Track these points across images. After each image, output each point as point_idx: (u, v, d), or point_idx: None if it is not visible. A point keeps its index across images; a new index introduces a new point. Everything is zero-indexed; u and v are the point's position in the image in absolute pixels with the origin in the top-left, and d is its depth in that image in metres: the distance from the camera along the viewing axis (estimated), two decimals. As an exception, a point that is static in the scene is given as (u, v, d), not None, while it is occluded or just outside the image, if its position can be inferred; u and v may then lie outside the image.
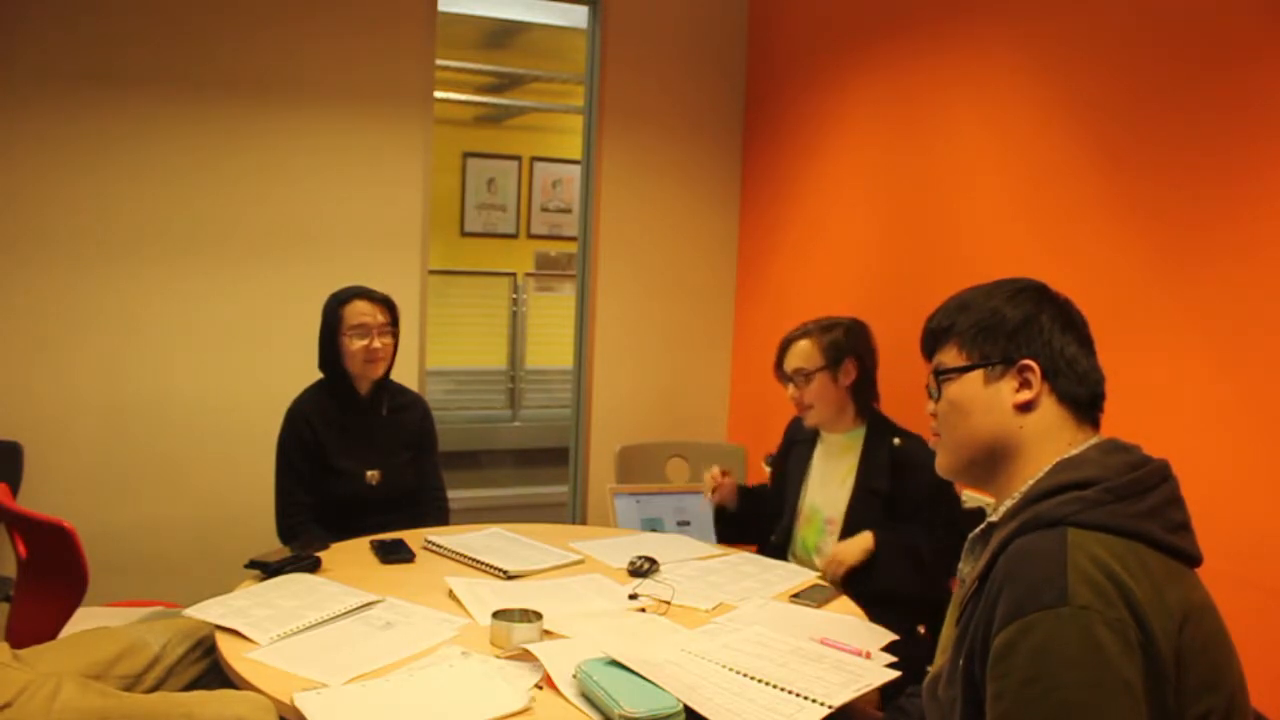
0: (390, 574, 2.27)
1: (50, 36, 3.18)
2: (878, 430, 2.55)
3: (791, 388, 2.57)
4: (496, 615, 1.90)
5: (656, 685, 1.61)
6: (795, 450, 2.72)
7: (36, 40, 3.17)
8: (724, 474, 2.72)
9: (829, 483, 2.58)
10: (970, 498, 2.69)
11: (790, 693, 1.64)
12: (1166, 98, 2.29)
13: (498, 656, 1.81)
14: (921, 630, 2.40)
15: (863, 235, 3.37)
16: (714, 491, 2.71)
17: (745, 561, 2.48)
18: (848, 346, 2.54)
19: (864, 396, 2.57)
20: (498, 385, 6.68)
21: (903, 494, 2.45)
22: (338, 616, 1.95)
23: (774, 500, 2.73)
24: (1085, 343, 1.32)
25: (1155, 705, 1.08)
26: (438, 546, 2.43)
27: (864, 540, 2.35)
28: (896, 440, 2.51)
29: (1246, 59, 2.12)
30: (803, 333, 2.58)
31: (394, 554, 2.38)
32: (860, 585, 2.29)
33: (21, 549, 2.24)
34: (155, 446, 3.37)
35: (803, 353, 2.54)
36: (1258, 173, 2.09)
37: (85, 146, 3.25)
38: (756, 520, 2.73)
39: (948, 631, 1.32)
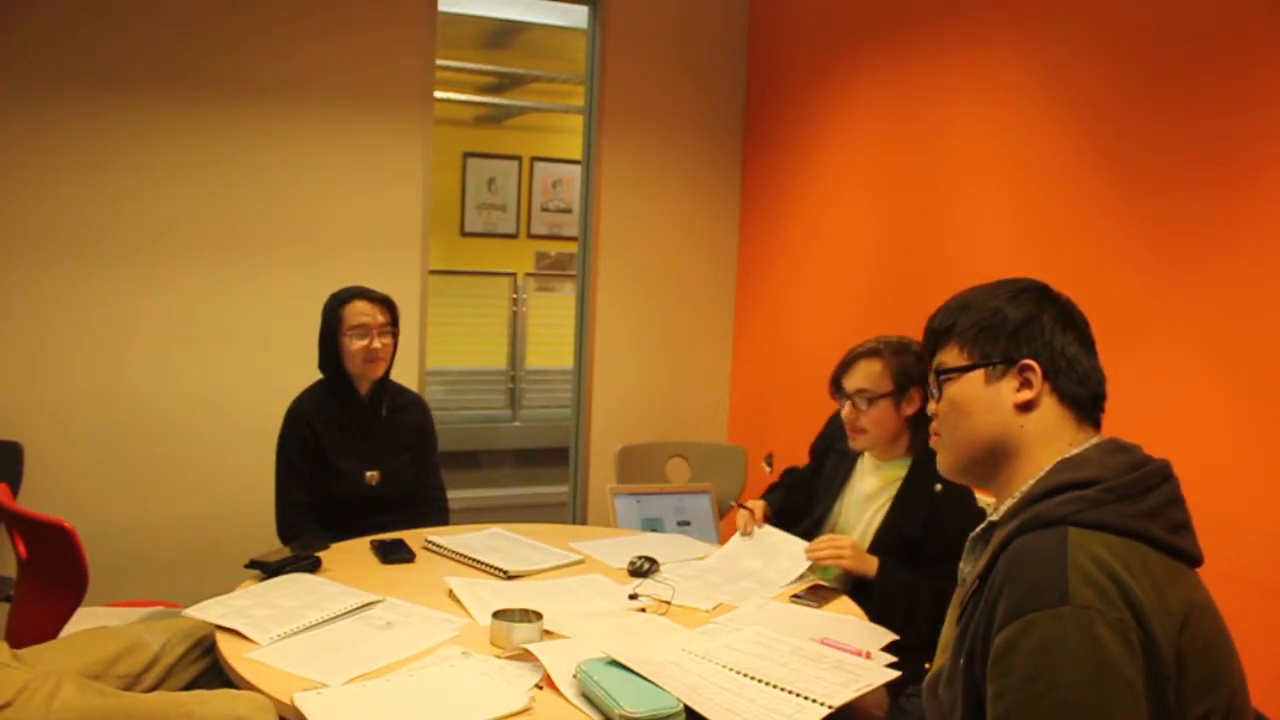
0: (390, 574, 2.27)
1: (49, 37, 3.18)
2: (922, 468, 2.36)
3: (848, 406, 2.38)
4: (496, 615, 1.90)
5: (657, 685, 1.61)
6: (833, 458, 2.58)
7: (36, 41, 3.17)
8: (750, 511, 2.53)
9: (861, 509, 2.45)
10: (970, 498, 2.69)
11: (790, 693, 1.64)
12: (1167, 98, 2.29)
13: (498, 656, 1.80)
14: (928, 667, 2.34)
15: (863, 235, 3.37)
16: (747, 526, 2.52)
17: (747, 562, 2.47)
18: (918, 375, 2.34)
19: (921, 429, 2.35)
20: (498, 385, 6.68)
21: (932, 541, 2.30)
22: (338, 616, 1.95)
23: (804, 493, 2.61)
24: (1086, 343, 1.31)
25: (1156, 705, 1.08)
26: (438, 546, 2.43)
27: (869, 564, 2.27)
28: (938, 487, 2.31)
29: (1247, 60, 2.12)
30: (872, 351, 2.38)
31: (394, 554, 2.38)
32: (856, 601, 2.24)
33: (21, 549, 2.24)
34: (155, 446, 3.38)
35: (870, 373, 2.35)
36: (1258, 173, 2.09)
37: (85, 147, 3.25)
38: (791, 513, 2.61)
39: (948, 631, 1.32)
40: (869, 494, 2.45)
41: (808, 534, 2.52)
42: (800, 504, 2.62)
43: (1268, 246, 2.07)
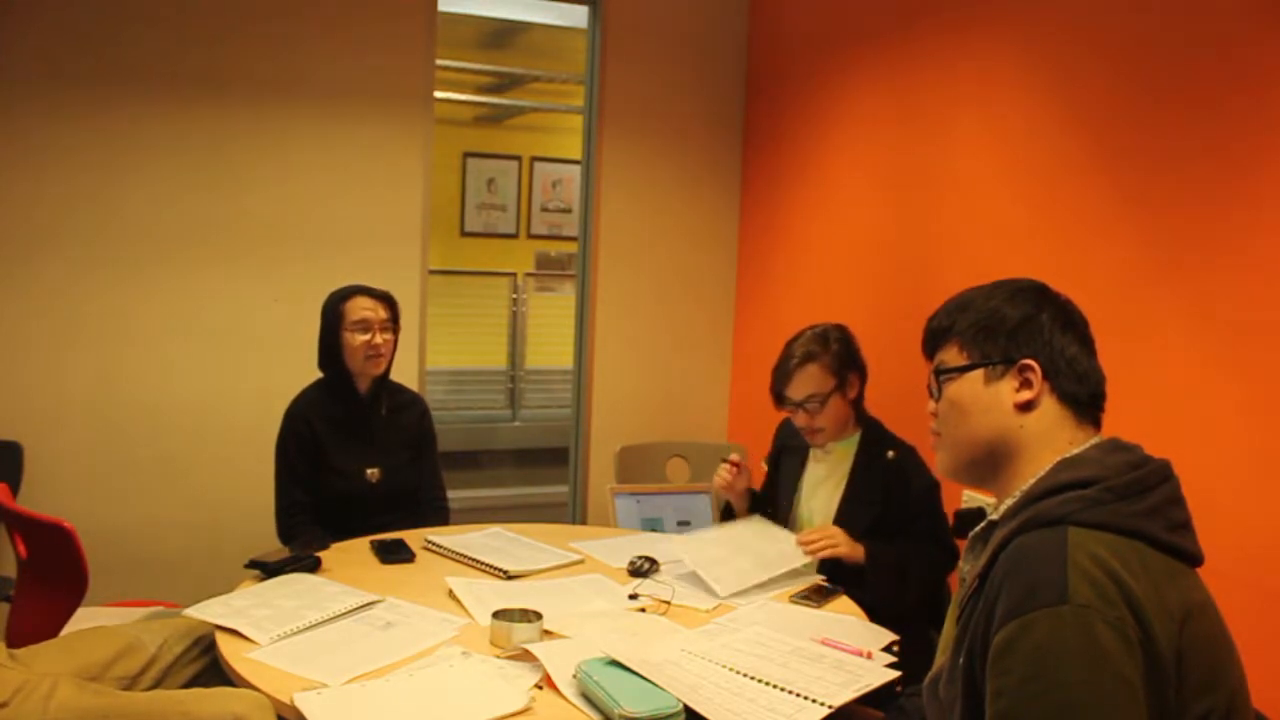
0: (390, 574, 2.27)
1: (46, 35, 3.18)
2: (873, 440, 2.50)
3: (802, 414, 2.46)
4: (496, 615, 1.90)
5: (656, 685, 1.61)
6: (786, 457, 2.68)
7: (32, 39, 3.17)
8: (736, 465, 2.59)
9: (820, 491, 2.55)
10: (971, 497, 2.69)
11: (790, 693, 1.64)
12: (1167, 94, 2.29)
13: (498, 656, 1.81)
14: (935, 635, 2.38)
15: (863, 235, 3.37)
16: (729, 485, 2.58)
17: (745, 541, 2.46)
18: (848, 359, 2.47)
19: (861, 403, 2.53)
20: (498, 385, 6.68)
21: (893, 508, 2.41)
22: (338, 616, 1.95)
23: (766, 506, 2.70)
24: (1085, 342, 1.32)
25: (1155, 704, 1.08)
26: (438, 546, 2.43)
27: (859, 550, 2.33)
28: (890, 453, 2.45)
29: (1247, 55, 2.12)
30: (806, 355, 2.45)
31: (394, 554, 2.38)
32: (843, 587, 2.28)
33: (21, 549, 2.24)
34: (155, 446, 3.37)
35: (814, 378, 2.43)
36: (1258, 169, 2.09)
37: (83, 145, 3.24)
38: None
39: (948, 630, 1.32)
40: (825, 476, 2.56)
41: None
42: (768, 503, 2.70)
43: (1269, 244, 2.07)
